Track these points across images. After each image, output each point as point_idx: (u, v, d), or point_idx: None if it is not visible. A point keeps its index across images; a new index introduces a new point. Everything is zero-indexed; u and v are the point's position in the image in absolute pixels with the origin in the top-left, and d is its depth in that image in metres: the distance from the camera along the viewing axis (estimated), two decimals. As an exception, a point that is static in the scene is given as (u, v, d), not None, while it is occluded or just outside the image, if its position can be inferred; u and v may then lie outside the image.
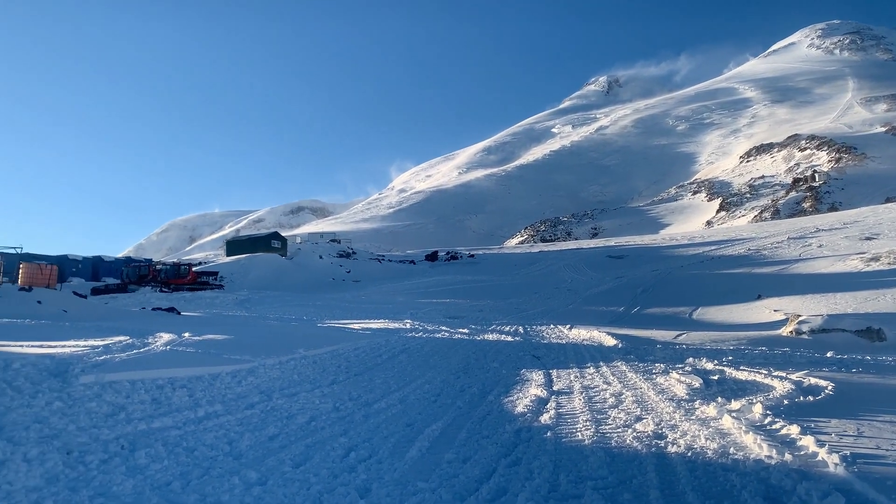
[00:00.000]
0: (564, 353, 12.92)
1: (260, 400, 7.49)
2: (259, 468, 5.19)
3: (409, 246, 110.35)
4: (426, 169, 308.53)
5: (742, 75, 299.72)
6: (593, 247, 65.80)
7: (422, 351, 13.01)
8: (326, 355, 11.13)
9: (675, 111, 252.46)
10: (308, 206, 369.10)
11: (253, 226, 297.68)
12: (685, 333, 16.03)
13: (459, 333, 16.77)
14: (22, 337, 9.33)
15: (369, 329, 16.68)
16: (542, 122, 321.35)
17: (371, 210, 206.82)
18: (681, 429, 6.29)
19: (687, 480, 4.89)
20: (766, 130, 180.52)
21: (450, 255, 65.80)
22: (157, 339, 10.25)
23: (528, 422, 6.89)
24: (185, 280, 38.59)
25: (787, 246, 39.60)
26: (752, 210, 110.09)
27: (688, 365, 10.26)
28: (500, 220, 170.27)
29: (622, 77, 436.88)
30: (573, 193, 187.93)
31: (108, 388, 6.57)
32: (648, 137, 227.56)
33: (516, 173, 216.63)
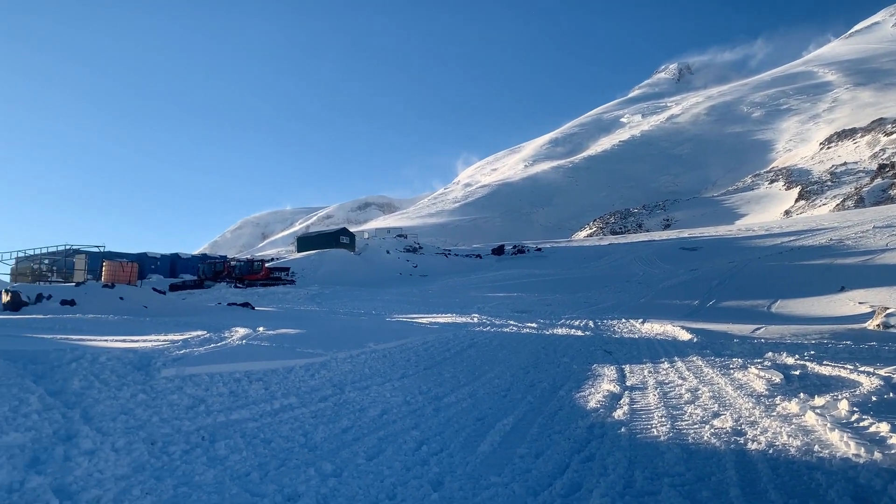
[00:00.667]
0: (637, 348, 12.66)
1: (332, 393, 7.62)
2: (334, 460, 5.29)
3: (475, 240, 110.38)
4: (492, 162, 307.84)
5: (822, 58, 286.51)
6: (666, 239, 64.20)
7: (490, 345, 12.97)
8: (395, 349, 11.24)
9: (750, 97, 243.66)
10: (375, 201, 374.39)
11: (322, 222, 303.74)
12: (763, 327, 15.50)
13: (528, 328, 16.64)
14: (107, 332, 9.78)
15: (437, 323, 16.75)
16: (610, 112, 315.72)
17: (437, 205, 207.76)
18: (761, 425, 6.11)
19: (769, 478, 4.74)
20: (848, 115, 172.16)
21: (516, 249, 65.41)
22: (233, 333, 10.57)
23: (601, 417, 6.80)
24: (259, 276, 39.61)
25: (872, 235, 37.69)
26: (833, 199, 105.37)
27: (767, 360, 9.97)
28: (568, 213, 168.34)
29: (694, 63, 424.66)
30: (644, 184, 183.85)
31: (189, 381, 6.81)
32: (722, 125, 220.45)
33: (584, 164, 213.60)
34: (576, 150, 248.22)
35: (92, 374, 6.37)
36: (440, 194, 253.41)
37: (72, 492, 4.13)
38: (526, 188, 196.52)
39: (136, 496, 4.23)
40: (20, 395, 5.40)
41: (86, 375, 6.27)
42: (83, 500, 4.05)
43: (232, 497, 4.41)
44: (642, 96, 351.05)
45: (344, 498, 4.53)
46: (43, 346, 7.34)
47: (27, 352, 6.75)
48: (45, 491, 4.03)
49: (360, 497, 4.57)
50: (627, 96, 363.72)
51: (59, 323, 10.92)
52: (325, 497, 4.54)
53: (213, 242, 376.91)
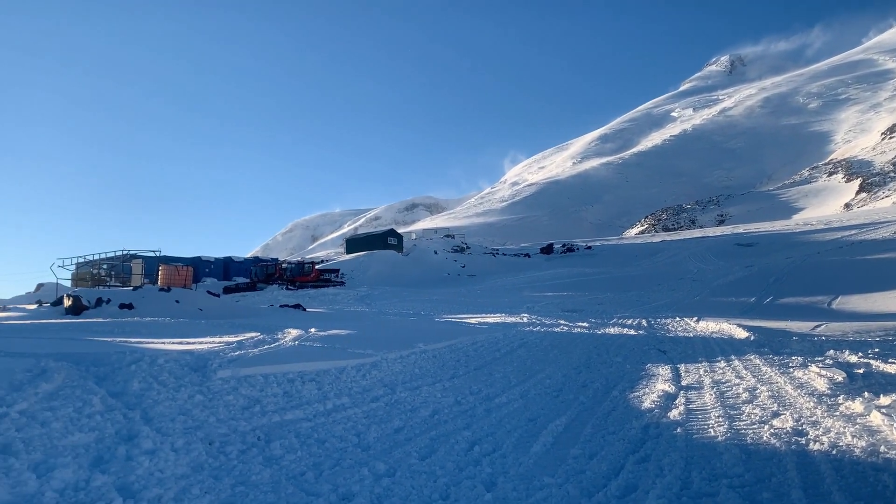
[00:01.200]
0: (692, 347, 12.38)
1: (384, 393, 7.67)
2: (387, 460, 5.32)
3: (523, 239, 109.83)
4: (539, 160, 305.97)
5: (882, 45, 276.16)
6: (720, 235, 62.77)
7: (540, 345, 12.86)
8: (445, 349, 11.24)
9: (806, 88, 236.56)
10: (422, 202, 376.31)
11: (370, 223, 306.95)
12: (824, 324, 14.97)
13: (579, 327, 16.45)
14: (164, 334, 10.06)
15: (486, 323, 16.69)
16: (660, 107, 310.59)
17: (484, 204, 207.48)
18: (823, 425, 5.95)
19: (832, 480, 4.62)
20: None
21: (566, 248, 64.84)
22: (285, 334, 10.74)
23: (656, 418, 6.68)
24: (309, 278, 40.21)
25: (940, 227, 36.14)
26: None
27: (828, 358, 9.63)
28: (618, 210, 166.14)
29: (746, 55, 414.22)
30: (696, 179, 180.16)
31: (244, 382, 6.94)
32: (777, 117, 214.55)
33: (634, 160, 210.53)
34: (625, 146, 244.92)
35: (151, 375, 6.55)
36: (487, 193, 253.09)
37: (134, 490, 4.24)
38: (574, 186, 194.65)
39: (195, 495, 4.33)
40: (83, 397, 5.58)
41: (145, 377, 6.44)
42: (145, 498, 4.16)
43: (288, 496, 4.47)
44: (693, 90, 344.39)
45: (398, 498, 4.54)
46: (104, 348, 7.57)
47: (89, 354, 6.97)
48: (110, 489, 4.15)
49: (414, 497, 4.58)
50: (678, 90, 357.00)
51: (118, 326, 11.28)
52: (379, 497, 4.56)
53: (264, 245, 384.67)
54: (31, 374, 5.89)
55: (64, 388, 5.70)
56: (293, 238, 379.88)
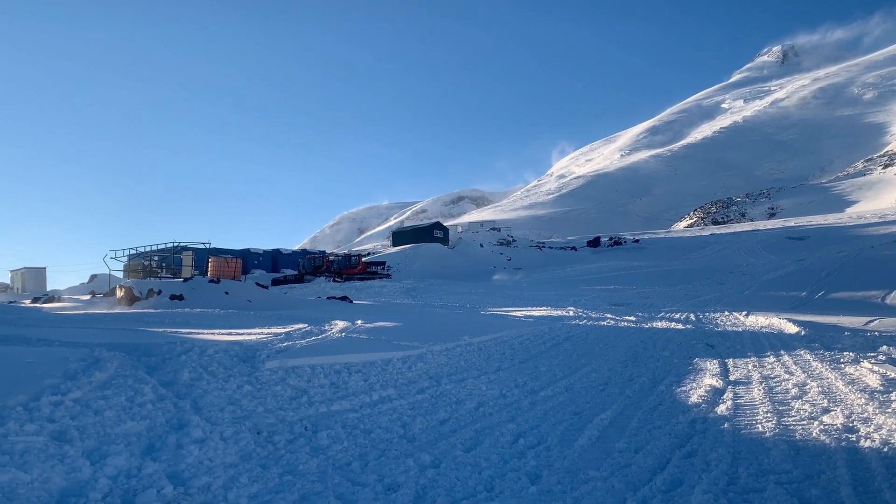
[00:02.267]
0: (741, 342, 12.09)
1: (429, 385, 7.69)
2: (432, 451, 5.32)
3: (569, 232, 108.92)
4: (586, 153, 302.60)
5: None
6: (770, 228, 61.10)
7: (586, 339, 12.72)
8: (491, 342, 11.21)
9: (861, 78, 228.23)
10: (468, 195, 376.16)
11: (416, 216, 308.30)
12: (877, 319, 14.51)
13: (626, 321, 16.22)
14: (213, 325, 10.28)
15: (532, 317, 16.60)
16: (710, 98, 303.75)
17: (530, 197, 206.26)
18: (875, 422, 5.77)
19: (883, 477, 4.48)
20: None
21: (613, 241, 63.98)
22: (332, 326, 10.86)
23: (703, 412, 6.56)
24: (356, 270, 40.56)
25: None
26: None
27: (881, 353, 9.33)
28: (667, 203, 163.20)
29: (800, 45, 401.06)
30: (746, 172, 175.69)
31: (291, 372, 7.03)
32: (831, 108, 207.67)
33: (683, 153, 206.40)
34: (675, 138, 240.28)
35: (201, 365, 6.70)
36: (533, 186, 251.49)
37: (185, 478, 4.34)
38: (622, 178, 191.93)
39: (243, 483, 4.40)
40: (135, 386, 5.74)
41: (195, 367, 6.60)
42: (195, 486, 4.24)
43: (334, 486, 4.51)
44: (744, 81, 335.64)
45: (442, 489, 4.54)
46: (155, 339, 7.78)
47: (141, 345, 7.17)
48: (161, 477, 4.25)
49: (459, 488, 4.57)
50: (728, 81, 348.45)
51: (168, 317, 11.57)
52: (424, 487, 4.57)
53: (312, 238, 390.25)
54: (85, 363, 6.09)
55: (116, 377, 5.87)
56: (340, 231, 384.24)
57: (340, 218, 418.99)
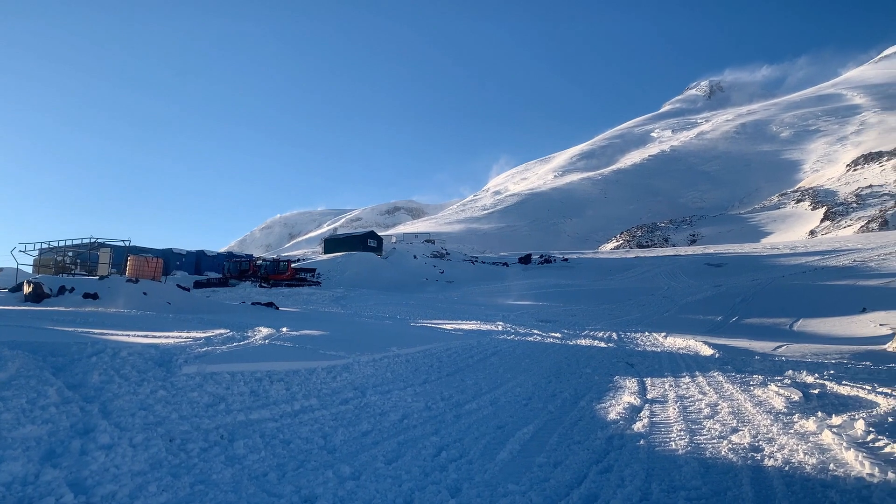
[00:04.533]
0: (659, 362, 12.52)
1: (354, 396, 7.58)
2: (352, 463, 5.24)
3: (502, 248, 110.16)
4: (522, 171, 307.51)
5: (851, 81, 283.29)
6: (691, 254, 63.42)
7: (513, 354, 12.86)
8: (419, 354, 11.16)
9: (780, 117, 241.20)
10: (404, 206, 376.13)
11: (350, 224, 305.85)
12: (785, 345, 15.41)
13: (552, 337, 16.50)
14: (129, 327, 9.83)
15: (461, 330, 16.65)
16: (641, 127, 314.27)
17: (466, 212, 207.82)
18: (778, 442, 6.14)
19: (783, 495, 4.76)
20: (875, 138, 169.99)
21: (543, 259, 65.08)
22: (256, 332, 10.57)
23: (621, 429, 6.76)
24: (284, 276, 39.77)
25: (895, 258, 36.96)
26: (858, 220, 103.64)
27: (787, 378, 9.88)
28: (596, 225, 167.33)
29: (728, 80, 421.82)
30: (671, 199, 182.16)
31: (210, 379, 6.78)
32: (752, 143, 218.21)
33: (614, 177, 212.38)
34: (606, 163, 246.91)
35: (112, 368, 6.38)
36: (469, 201, 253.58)
37: (87, 486, 4.11)
38: (555, 198, 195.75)
39: (151, 493, 4.21)
40: (38, 388, 5.41)
41: (106, 370, 6.27)
42: (98, 494, 4.03)
43: (249, 497, 4.37)
44: (673, 112, 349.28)
45: (361, 501, 4.48)
46: (63, 338, 7.37)
47: (47, 344, 6.78)
48: (60, 484, 4.01)
49: (378, 501, 4.52)
50: (658, 111, 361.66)
51: (80, 316, 11.02)
52: (342, 499, 4.49)
53: (241, 240, 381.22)
54: (-17, 362, 5.70)
55: (17, 377, 5.51)
56: (271, 234, 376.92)
57: (272, 221, 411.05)
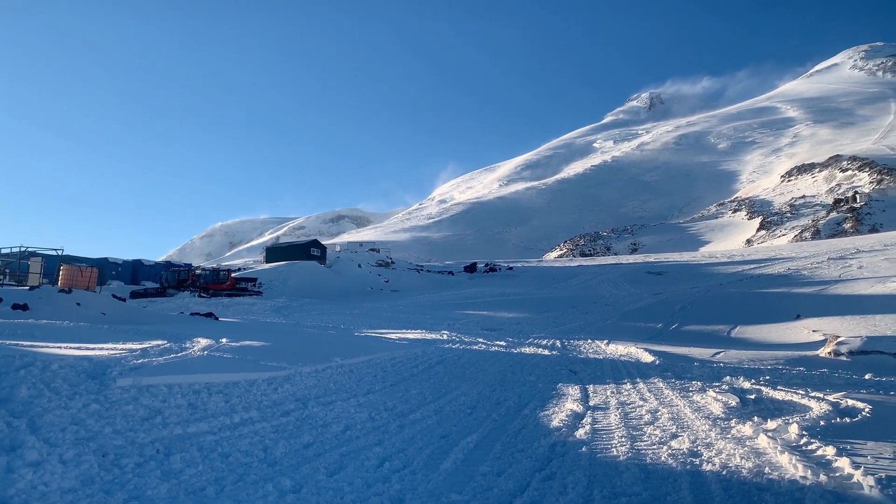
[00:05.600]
0: (601, 369, 12.72)
1: (295, 407, 7.47)
2: (293, 476, 5.17)
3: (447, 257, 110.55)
4: (467, 180, 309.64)
5: (785, 95, 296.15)
6: (632, 262, 64.86)
7: (458, 362, 12.90)
8: (363, 364, 11.09)
9: (717, 129, 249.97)
10: (349, 214, 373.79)
11: (293, 233, 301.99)
12: (723, 352, 15.81)
13: (496, 346, 16.62)
14: (60, 339, 9.45)
15: (406, 339, 16.62)
16: (583, 137, 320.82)
17: (411, 220, 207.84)
18: (716, 447, 6.28)
19: (721, 499, 4.88)
20: (807, 150, 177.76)
21: (488, 267, 65.54)
22: (194, 344, 10.31)
23: (564, 436, 6.84)
24: (224, 286, 38.91)
25: (826, 266, 38.63)
26: (792, 230, 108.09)
27: (725, 383, 10.18)
28: (540, 234, 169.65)
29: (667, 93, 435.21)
30: (613, 208, 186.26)
31: (145, 391, 6.58)
32: (690, 154, 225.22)
33: (557, 187, 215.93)
34: (550, 173, 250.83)
35: (42, 382, 6.10)
36: (415, 210, 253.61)
37: (13, 505, 3.94)
38: (500, 207, 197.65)
39: (82, 511, 4.05)
40: (-38, 403, 5.15)
41: (35, 383, 5.99)
42: (25, 514, 3.86)
43: (185, 513, 4.25)
44: (614, 123, 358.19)
45: (302, 515, 4.40)
46: (-11, 351, 7.05)
47: (-30, 357, 6.47)
48: (-16, 504, 3.83)
49: (319, 515, 4.45)
50: (600, 122, 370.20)
51: (8, 328, 10.53)
52: (283, 514, 4.41)
53: (180, 248, 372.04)
54: None
55: (-61, 392, 5.25)
56: (212, 243, 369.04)
57: (212, 230, 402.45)
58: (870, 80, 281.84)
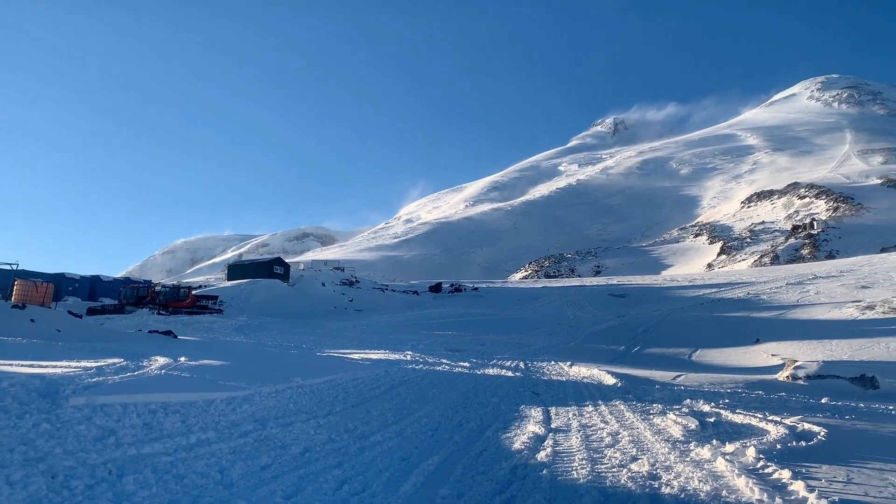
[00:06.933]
0: (564, 391, 12.78)
1: (254, 428, 7.36)
2: (249, 498, 5.08)
3: (413, 276, 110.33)
4: (434, 200, 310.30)
5: (745, 123, 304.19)
6: (596, 285, 65.50)
7: (421, 383, 12.85)
8: (324, 385, 10.98)
9: (679, 155, 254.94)
10: (314, 232, 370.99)
11: (257, 250, 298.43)
12: (684, 375, 15.99)
13: (460, 367, 16.59)
14: (13, 356, 9.20)
15: (369, 360, 16.52)
16: (549, 160, 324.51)
17: (376, 239, 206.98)
18: (675, 470, 6.32)
19: None
20: (766, 177, 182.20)
21: (454, 288, 65.55)
22: (152, 362, 10.12)
23: (525, 459, 6.83)
24: (184, 303, 38.25)
25: (785, 291, 39.49)
26: (752, 255, 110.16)
27: (685, 406, 10.28)
28: (506, 255, 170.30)
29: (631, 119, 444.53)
30: (578, 231, 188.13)
31: (99, 411, 6.43)
32: (653, 179, 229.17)
33: (523, 209, 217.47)
34: (516, 194, 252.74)
35: (-9, 400, 5.94)
36: (380, 229, 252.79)
37: (-46, 529, 3.80)
38: (466, 228, 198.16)
39: (27, 535, 3.93)
40: None
41: (-16, 402, 5.84)
42: (-33, 538, 3.73)
43: (135, 537, 4.15)
44: (579, 147, 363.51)
45: (257, 539, 4.33)
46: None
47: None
48: (-77, 528, 3.69)
49: (275, 539, 4.38)
50: (566, 146, 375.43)
51: (-40, 345, 10.24)
52: (237, 538, 4.32)
53: (141, 264, 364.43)
54: None
55: None
56: (174, 259, 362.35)
57: (174, 246, 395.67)
58: (826, 110, 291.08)
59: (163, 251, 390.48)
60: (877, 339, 19.80)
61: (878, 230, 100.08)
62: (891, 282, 35.29)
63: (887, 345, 18.67)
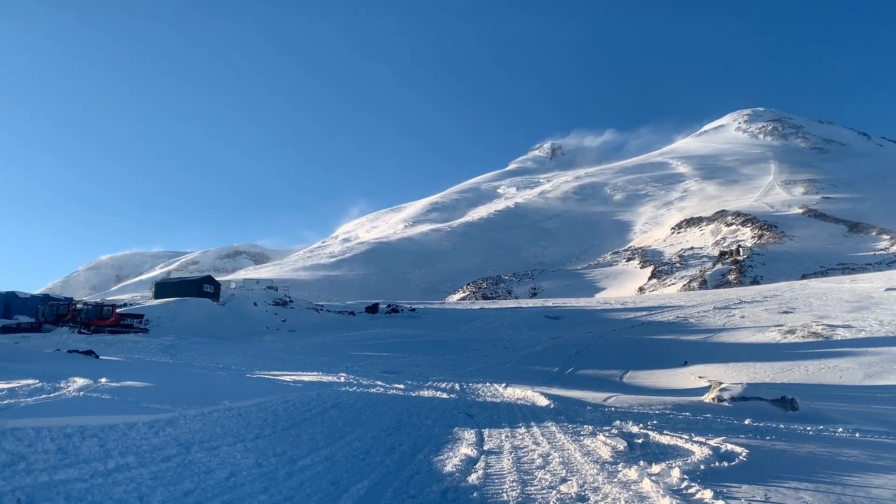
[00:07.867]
0: (498, 412, 12.82)
1: (177, 453, 7.10)
2: (169, 527, 4.86)
3: (350, 297, 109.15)
4: (372, 220, 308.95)
5: (676, 151, 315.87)
6: (532, 306, 66.32)
7: (354, 406, 12.67)
8: (253, 408, 10.70)
9: (614, 181, 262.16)
10: (246, 250, 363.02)
11: (187, 268, 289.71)
12: (615, 396, 16.25)
13: (395, 389, 16.45)
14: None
15: (301, 381, 16.19)
16: (488, 182, 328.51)
17: (313, 258, 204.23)
18: (603, 491, 6.41)
19: None
20: (696, 205, 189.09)
21: (391, 308, 65.23)
22: (69, 383, 9.66)
23: (456, 482, 6.83)
24: (108, 322, 36.78)
25: (712, 315, 40.82)
26: (681, 279, 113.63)
27: (615, 427, 10.42)
28: (444, 276, 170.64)
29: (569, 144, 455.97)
30: (516, 253, 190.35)
31: (9, 435, 6.09)
32: (588, 204, 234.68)
33: (462, 230, 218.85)
34: (456, 216, 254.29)
35: None
36: (317, 248, 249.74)
37: None
38: (405, 248, 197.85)
39: (-79, 571, 3.65)
40: None
41: None
42: None
43: (43, 570, 3.91)
44: (518, 170, 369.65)
45: (176, 570, 4.14)
46: None
47: None
48: None
49: (195, 569, 4.20)
50: (505, 169, 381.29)
51: None
52: (155, 569, 4.13)
53: (63, 280, 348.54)
54: None
55: None
56: (98, 275, 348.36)
57: (100, 261, 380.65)
58: (752, 141, 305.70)
59: (87, 267, 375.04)
60: (797, 362, 20.67)
61: (800, 258, 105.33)
62: (810, 307, 36.98)
63: (807, 368, 19.54)
